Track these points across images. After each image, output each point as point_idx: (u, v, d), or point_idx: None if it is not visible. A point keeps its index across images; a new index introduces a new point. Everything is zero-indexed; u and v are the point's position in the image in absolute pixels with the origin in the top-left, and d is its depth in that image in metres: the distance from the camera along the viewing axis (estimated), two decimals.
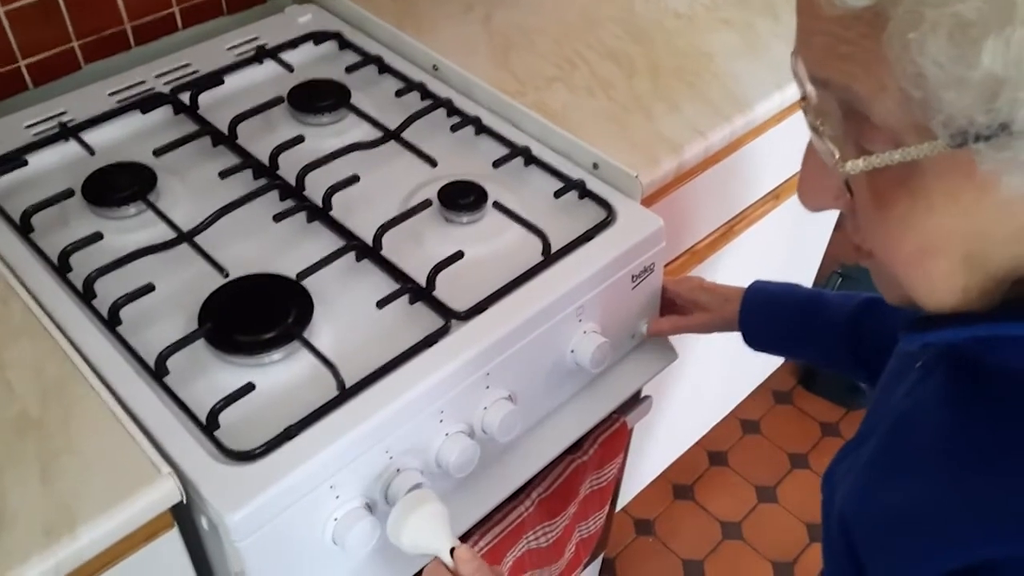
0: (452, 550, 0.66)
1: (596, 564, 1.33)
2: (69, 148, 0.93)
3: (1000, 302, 0.43)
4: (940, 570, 0.43)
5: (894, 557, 0.49)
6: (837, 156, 0.41)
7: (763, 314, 0.86)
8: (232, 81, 1.02)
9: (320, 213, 0.86)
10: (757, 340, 0.87)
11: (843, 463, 0.59)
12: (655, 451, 1.44)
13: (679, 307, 0.95)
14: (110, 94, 1.00)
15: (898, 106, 0.37)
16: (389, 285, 0.80)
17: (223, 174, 0.89)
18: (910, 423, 0.52)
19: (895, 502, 0.50)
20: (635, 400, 1.02)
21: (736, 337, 0.88)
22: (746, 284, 0.88)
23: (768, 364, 1.68)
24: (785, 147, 1.13)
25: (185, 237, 0.82)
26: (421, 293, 0.79)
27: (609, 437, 0.96)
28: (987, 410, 0.46)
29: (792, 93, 1.03)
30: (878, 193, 0.41)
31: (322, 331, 0.77)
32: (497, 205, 0.87)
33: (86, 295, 0.77)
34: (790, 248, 1.42)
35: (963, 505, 0.44)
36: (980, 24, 0.33)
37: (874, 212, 0.42)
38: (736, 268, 1.22)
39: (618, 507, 1.37)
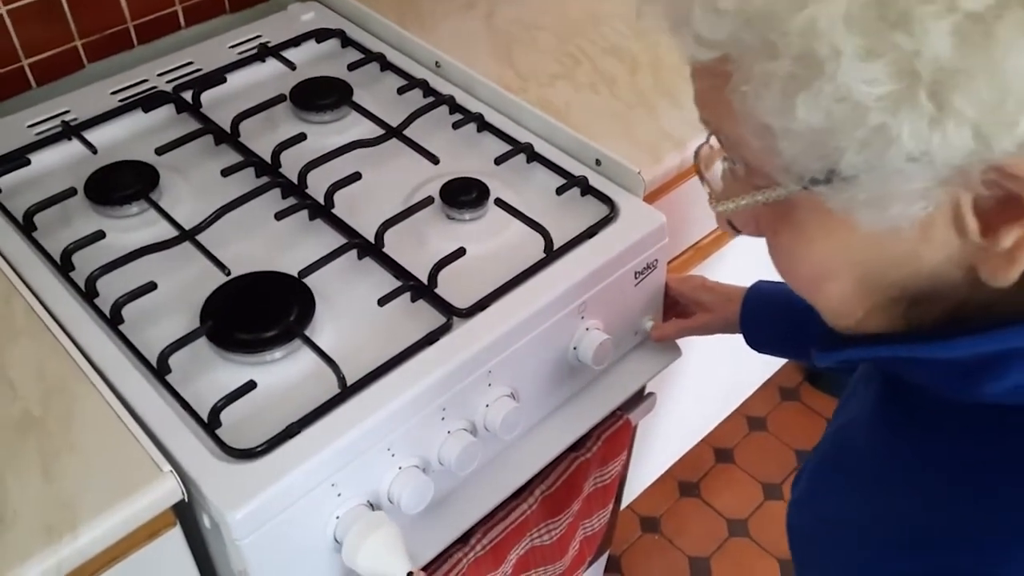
0: (409, 574, 0.67)
1: (601, 562, 1.33)
2: (72, 147, 0.93)
3: (904, 322, 0.44)
4: None
5: (825, 569, 0.50)
6: (712, 197, 0.46)
7: (764, 315, 0.85)
8: (234, 79, 1.02)
9: (322, 211, 0.86)
10: (758, 342, 0.86)
11: (806, 470, 0.60)
12: (660, 448, 1.43)
13: (682, 307, 0.94)
14: (112, 93, 1.00)
15: (756, 150, 0.40)
16: (391, 282, 0.80)
17: (225, 172, 0.88)
18: (845, 436, 0.54)
19: (831, 514, 0.52)
20: (639, 397, 1.01)
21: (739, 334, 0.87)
22: (750, 281, 0.88)
23: (774, 360, 1.67)
24: None
25: (187, 235, 0.82)
26: (423, 290, 0.79)
27: (612, 434, 0.95)
28: (906, 427, 0.48)
29: None
30: (766, 226, 0.44)
31: (324, 329, 0.77)
32: (499, 202, 0.87)
33: (88, 294, 0.77)
34: None
35: (879, 519, 0.46)
36: (795, 80, 0.35)
37: (773, 242, 0.45)
38: (740, 265, 1.21)
39: (623, 504, 1.36)
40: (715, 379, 1.43)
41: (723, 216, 0.47)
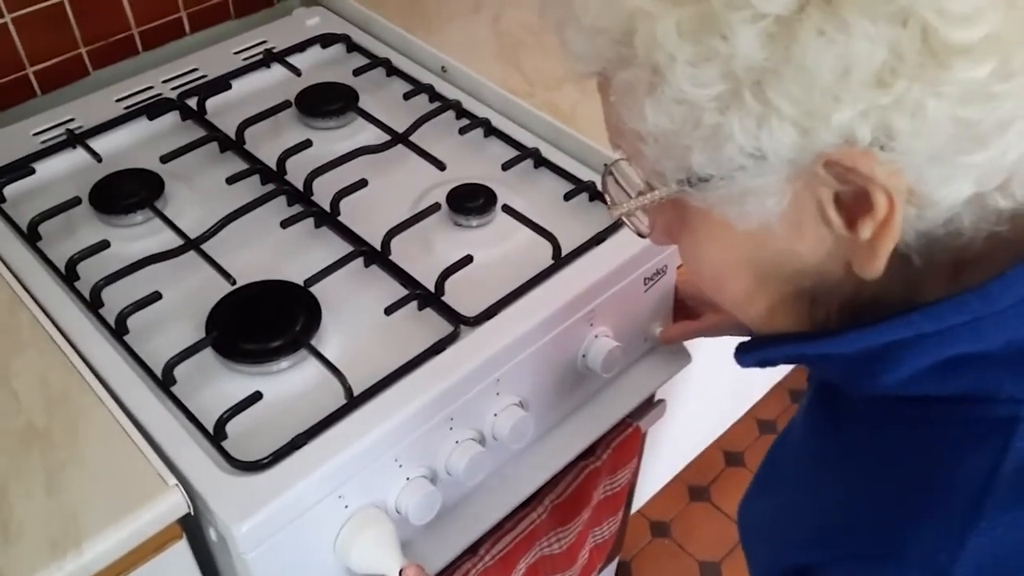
0: (401, 571, 0.66)
1: (611, 567, 1.32)
2: (76, 155, 0.93)
3: (811, 321, 0.45)
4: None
5: (755, 567, 0.52)
6: (609, 204, 0.49)
7: None
8: (239, 86, 1.02)
9: (328, 218, 0.85)
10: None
11: None
12: (670, 453, 1.42)
13: (690, 308, 0.93)
14: (117, 100, 1.00)
15: (633, 159, 0.43)
16: (397, 291, 0.79)
17: (230, 180, 0.88)
18: (787, 437, 0.56)
19: (756, 516, 0.55)
20: (648, 404, 1.00)
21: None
22: None
23: None
24: None
25: (192, 244, 0.81)
26: (430, 299, 0.78)
27: (622, 442, 0.94)
28: (826, 424, 0.50)
29: None
30: (671, 230, 0.47)
31: (330, 338, 0.76)
32: (506, 208, 0.86)
33: (93, 304, 0.77)
34: None
35: (789, 518, 0.48)
36: (641, 85, 0.38)
37: (680, 245, 0.47)
38: None
39: (633, 509, 1.35)
40: (725, 382, 1.42)
41: (626, 224, 0.50)
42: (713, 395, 1.40)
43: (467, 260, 0.80)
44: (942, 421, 0.41)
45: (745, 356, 0.50)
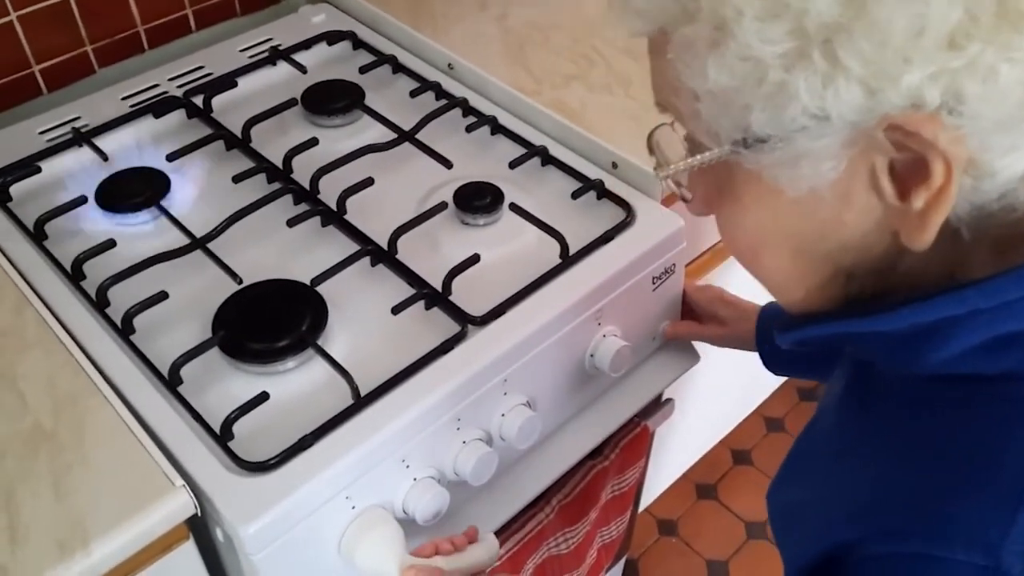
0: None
1: (619, 566, 1.32)
2: (82, 154, 0.92)
3: (845, 298, 0.45)
4: (805, 560, 0.46)
5: (789, 551, 0.52)
6: (655, 165, 0.48)
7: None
8: (245, 83, 1.01)
9: (334, 217, 0.85)
10: (776, 364, 0.85)
11: None
12: (677, 452, 1.42)
13: (696, 316, 0.93)
14: (123, 98, 0.99)
15: (686, 120, 0.43)
16: (404, 290, 0.79)
17: (237, 178, 0.88)
18: (818, 422, 0.56)
19: (788, 500, 0.54)
20: (657, 403, 1.00)
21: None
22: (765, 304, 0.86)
23: None
24: None
25: (198, 243, 0.81)
26: (437, 298, 0.78)
27: (630, 442, 0.94)
28: (863, 409, 0.50)
29: None
30: (711, 198, 0.46)
31: (336, 338, 0.76)
32: (514, 207, 0.86)
33: (99, 303, 0.76)
34: None
35: (825, 498, 0.48)
36: (704, 41, 0.38)
37: (716, 215, 0.47)
38: None
39: (640, 508, 1.35)
40: (732, 381, 1.41)
41: (673, 188, 0.49)
42: (721, 394, 1.40)
43: (474, 259, 0.80)
44: (990, 399, 0.41)
45: (784, 335, 0.49)
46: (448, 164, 0.89)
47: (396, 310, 0.76)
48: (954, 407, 0.42)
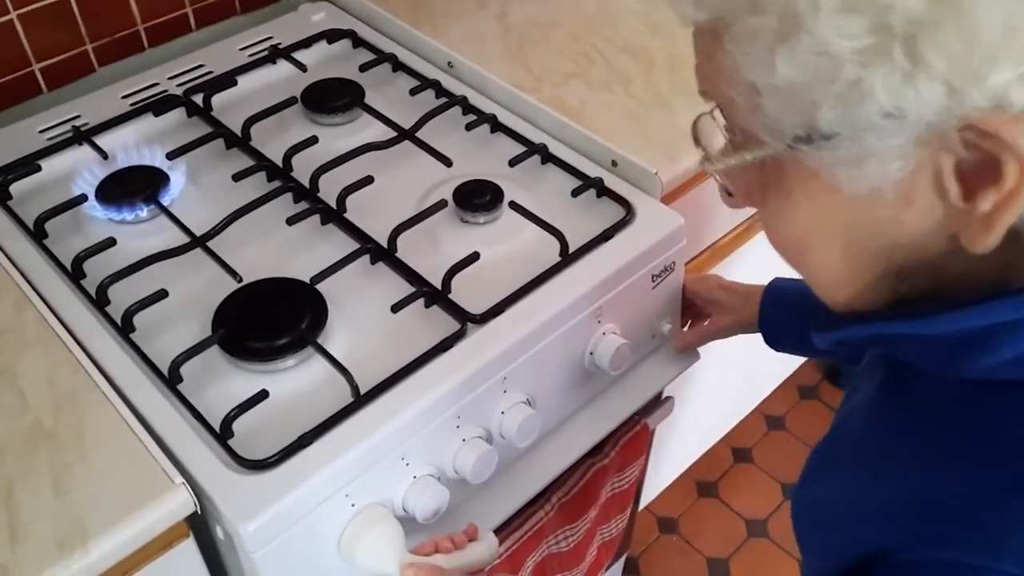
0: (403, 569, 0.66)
1: (619, 564, 1.32)
2: (83, 152, 0.92)
3: (893, 297, 0.44)
4: (839, 563, 0.45)
5: (814, 552, 0.51)
6: (703, 157, 0.46)
7: (783, 312, 0.83)
8: (245, 82, 1.01)
9: (334, 215, 0.85)
10: (778, 340, 0.84)
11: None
12: (678, 450, 1.42)
13: (698, 307, 0.93)
14: (123, 97, 0.99)
15: (744, 111, 0.41)
16: (404, 288, 0.79)
17: (236, 177, 0.88)
18: (848, 423, 0.54)
19: (817, 499, 0.53)
20: (657, 401, 1.00)
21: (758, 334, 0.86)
22: (768, 281, 0.86)
23: (792, 359, 1.65)
24: None
25: (198, 242, 0.81)
26: (436, 296, 0.78)
27: (630, 439, 0.94)
28: (901, 410, 0.48)
29: None
30: (754, 192, 0.45)
31: (336, 336, 0.76)
32: (513, 205, 0.86)
33: (99, 302, 0.76)
34: None
35: (863, 500, 0.46)
36: (776, 34, 0.36)
37: (761, 209, 0.45)
38: (759, 264, 1.19)
39: (641, 506, 1.35)
40: (733, 378, 1.41)
41: (717, 181, 0.48)
42: (721, 391, 1.40)
43: (474, 257, 0.80)
44: None
45: (824, 335, 0.48)
46: (448, 162, 0.89)
47: (396, 308, 0.76)
48: (1002, 413, 0.41)
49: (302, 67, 1.03)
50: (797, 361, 1.67)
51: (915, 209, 0.39)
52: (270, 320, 0.75)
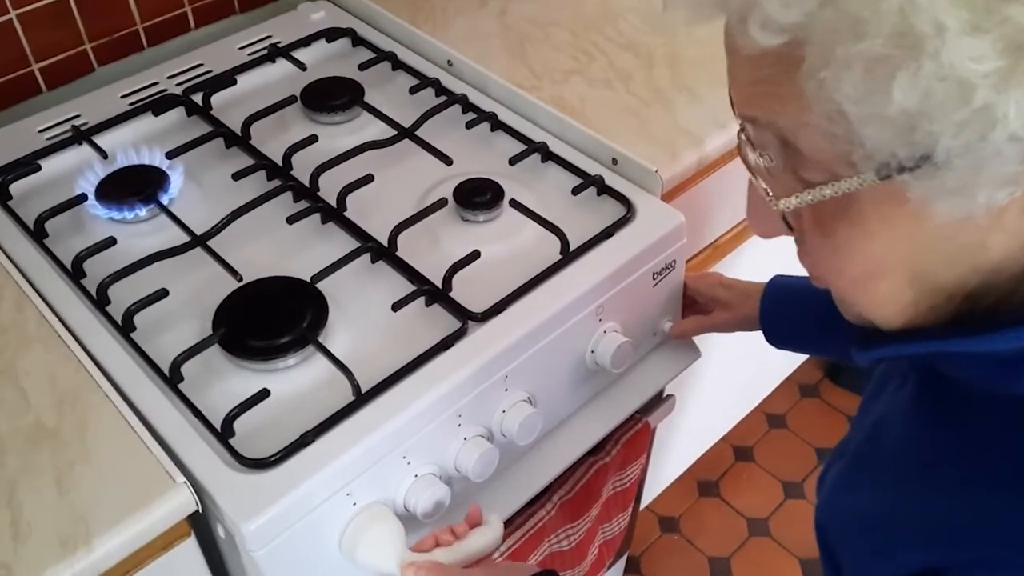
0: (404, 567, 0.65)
1: (621, 563, 1.32)
2: (82, 152, 0.92)
3: (951, 317, 0.42)
4: (892, 574, 0.44)
5: (854, 562, 0.50)
6: (771, 195, 0.42)
7: (783, 310, 0.83)
8: (245, 81, 1.01)
9: (334, 214, 0.85)
10: (778, 337, 0.84)
11: (830, 470, 0.59)
12: (679, 448, 1.42)
13: (699, 305, 0.93)
14: (123, 96, 0.99)
15: (824, 141, 0.37)
16: (405, 287, 0.79)
17: (236, 176, 0.87)
18: (882, 431, 0.53)
19: (859, 508, 0.51)
20: (658, 399, 1.00)
21: (759, 332, 0.86)
22: (768, 278, 0.86)
23: (794, 357, 1.65)
24: None
25: (199, 241, 0.81)
26: (437, 294, 0.78)
27: (631, 438, 0.94)
28: (939, 423, 0.47)
29: None
30: (819, 222, 0.42)
31: (337, 335, 0.76)
32: (514, 203, 0.85)
33: (100, 301, 0.76)
34: None
35: (907, 514, 0.45)
36: (889, 60, 0.33)
37: (818, 239, 0.42)
38: (760, 262, 1.19)
39: (642, 505, 1.35)
40: (734, 377, 1.41)
41: (761, 217, 0.44)
42: (722, 390, 1.40)
43: (475, 255, 0.80)
44: None
45: (865, 353, 0.46)
46: (448, 161, 0.89)
47: (396, 307, 0.76)
48: None
49: (301, 66, 1.03)
50: (798, 359, 1.67)
51: (1006, 233, 0.37)
52: (271, 319, 0.75)
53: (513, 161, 0.91)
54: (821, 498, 0.57)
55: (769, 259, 1.23)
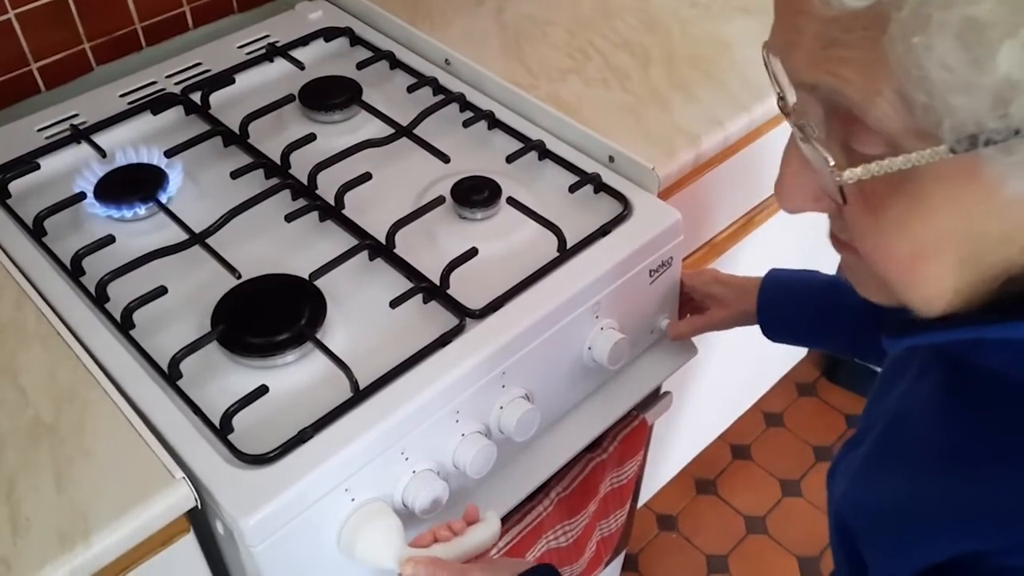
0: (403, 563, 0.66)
1: (618, 561, 1.32)
2: (81, 151, 0.93)
3: (987, 302, 0.41)
4: (923, 564, 0.43)
5: (883, 552, 0.49)
6: (832, 164, 0.39)
7: (781, 303, 0.84)
8: (243, 80, 1.02)
9: (332, 212, 0.85)
10: (776, 331, 0.85)
11: (844, 461, 0.59)
12: (677, 446, 1.42)
13: (696, 302, 0.93)
14: (121, 95, 1.00)
15: (896, 111, 0.35)
16: (402, 284, 0.79)
17: (235, 174, 0.88)
18: (904, 421, 0.52)
19: (885, 498, 0.50)
20: (655, 396, 1.00)
21: (757, 328, 0.86)
22: (767, 272, 0.86)
23: (791, 355, 1.65)
24: None
25: (197, 239, 0.81)
26: (435, 292, 0.78)
27: (629, 434, 0.94)
28: (972, 411, 0.45)
29: None
30: (870, 197, 0.39)
31: (335, 332, 0.76)
32: (511, 201, 0.86)
33: (99, 299, 0.77)
34: (811, 237, 1.40)
35: (943, 502, 0.44)
36: (995, 26, 0.31)
37: (865, 216, 0.40)
38: (756, 260, 1.20)
39: (640, 503, 1.35)
40: (731, 375, 1.42)
41: (794, 191, 0.42)
42: (719, 387, 1.40)
43: (472, 253, 0.80)
44: None
45: (897, 341, 0.45)
46: (445, 159, 0.90)
47: (394, 304, 0.77)
48: None
49: (300, 65, 1.03)
50: (795, 357, 1.67)
51: None
52: (269, 316, 0.75)
53: (510, 159, 0.91)
54: (839, 491, 0.57)
55: (766, 256, 1.23)
